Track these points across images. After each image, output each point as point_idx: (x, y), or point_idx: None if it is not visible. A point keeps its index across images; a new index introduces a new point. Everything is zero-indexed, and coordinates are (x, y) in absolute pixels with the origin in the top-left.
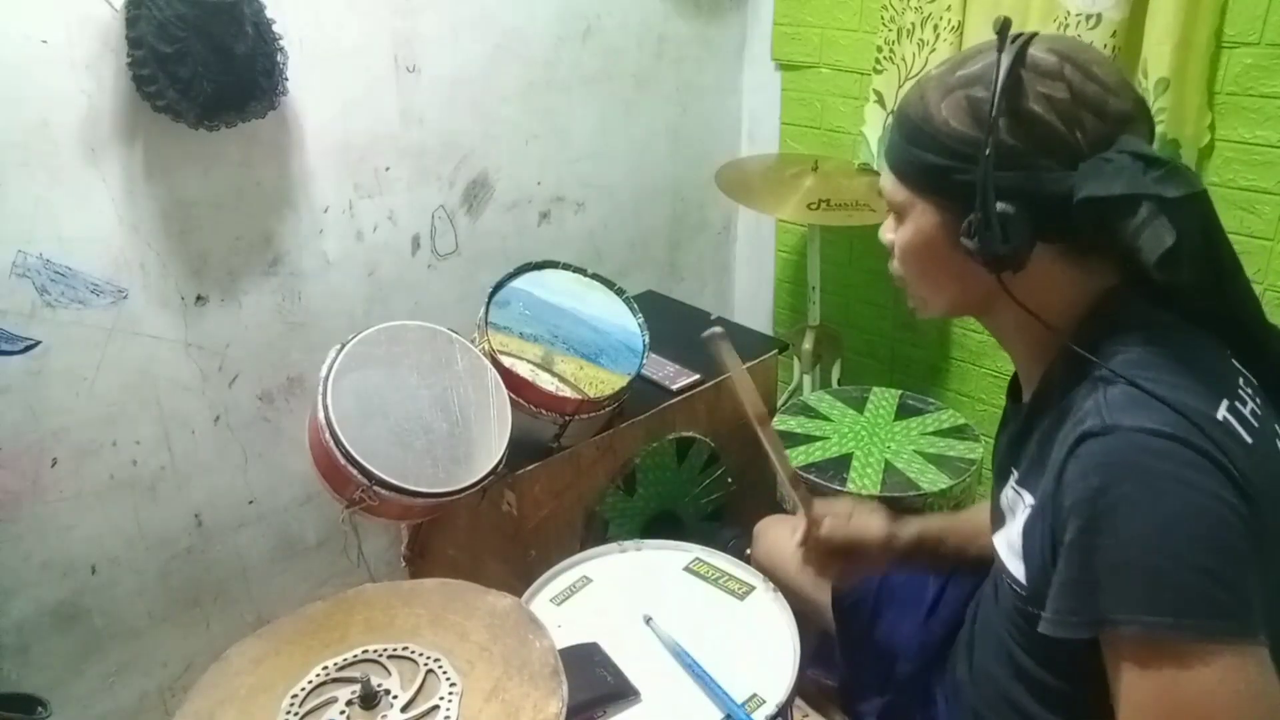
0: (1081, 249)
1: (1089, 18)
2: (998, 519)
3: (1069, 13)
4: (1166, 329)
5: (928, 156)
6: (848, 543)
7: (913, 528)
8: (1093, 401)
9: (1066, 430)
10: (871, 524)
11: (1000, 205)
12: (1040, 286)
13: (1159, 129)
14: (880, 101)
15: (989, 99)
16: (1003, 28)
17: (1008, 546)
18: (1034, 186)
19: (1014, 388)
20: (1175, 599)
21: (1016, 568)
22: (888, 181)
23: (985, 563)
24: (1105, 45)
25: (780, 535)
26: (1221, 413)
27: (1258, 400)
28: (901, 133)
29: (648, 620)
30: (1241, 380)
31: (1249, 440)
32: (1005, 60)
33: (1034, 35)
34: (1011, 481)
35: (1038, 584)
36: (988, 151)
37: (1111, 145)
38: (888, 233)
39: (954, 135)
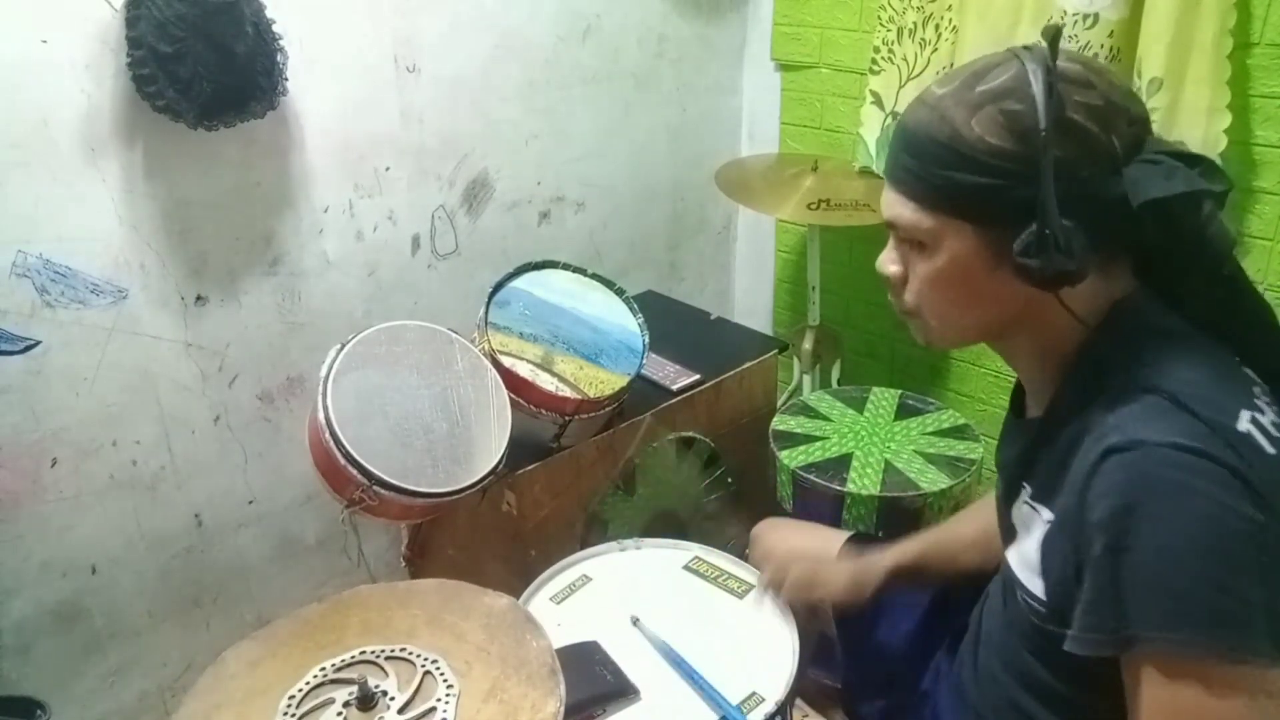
0: (1112, 257)
1: (1086, 17)
2: (1009, 534)
3: (1066, 12)
4: (1182, 336)
5: (965, 178)
6: (812, 605)
7: (886, 562)
8: (1115, 415)
9: (1088, 444)
10: (832, 583)
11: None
12: (1069, 299)
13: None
14: (878, 103)
15: (1028, 112)
16: (1054, 37)
17: (1022, 562)
18: (1087, 196)
19: (1016, 401)
20: (1204, 616)
21: (1034, 583)
22: (906, 210)
23: (973, 576)
24: (1102, 45)
25: (777, 538)
26: (1244, 424)
27: (1275, 408)
28: (918, 155)
29: (635, 621)
30: (1257, 389)
31: (1271, 451)
32: (1042, 72)
33: (1038, 46)
34: (1024, 497)
35: (1058, 600)
36: (1045, 165)
37: (1141, 148)
38: (891, 265)
39: (993, 152)
